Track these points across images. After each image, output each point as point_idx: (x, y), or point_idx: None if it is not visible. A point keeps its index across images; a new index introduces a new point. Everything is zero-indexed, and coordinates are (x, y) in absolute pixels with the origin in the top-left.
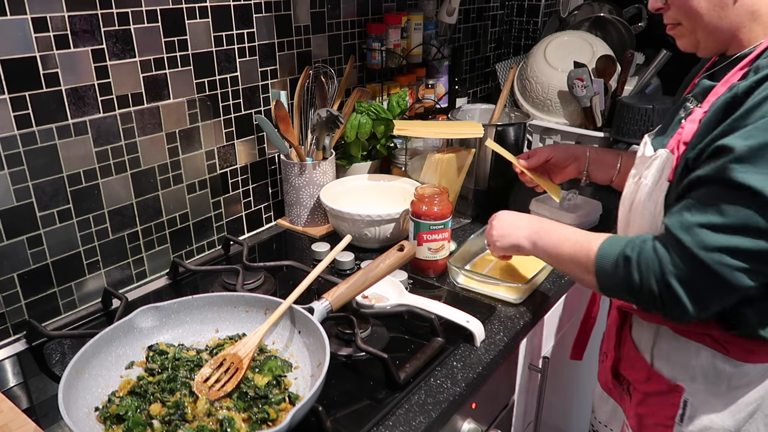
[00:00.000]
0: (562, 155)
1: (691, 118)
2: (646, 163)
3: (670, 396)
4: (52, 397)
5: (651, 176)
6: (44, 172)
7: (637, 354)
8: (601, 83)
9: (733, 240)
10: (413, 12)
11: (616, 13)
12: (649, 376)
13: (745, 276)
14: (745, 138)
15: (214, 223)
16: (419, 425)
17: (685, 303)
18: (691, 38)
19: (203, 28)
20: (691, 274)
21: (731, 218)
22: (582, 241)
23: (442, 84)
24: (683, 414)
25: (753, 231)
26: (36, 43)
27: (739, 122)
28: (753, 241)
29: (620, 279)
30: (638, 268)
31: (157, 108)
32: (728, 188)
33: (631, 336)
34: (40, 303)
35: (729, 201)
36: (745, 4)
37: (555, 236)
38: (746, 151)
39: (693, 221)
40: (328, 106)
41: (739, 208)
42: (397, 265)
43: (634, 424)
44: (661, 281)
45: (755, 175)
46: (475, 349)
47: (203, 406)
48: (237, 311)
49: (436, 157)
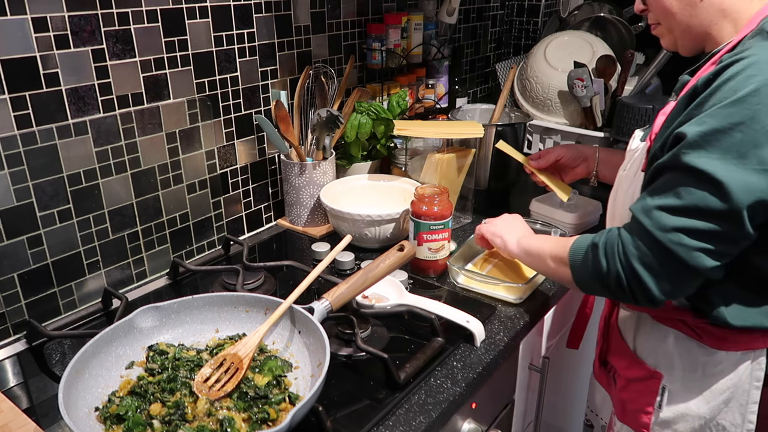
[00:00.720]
0: (572, 155)
1: (663, 111)
2: (631, 156)
3: (649, 382)
4: (52, 397)
5: (630, 168)
6: (44, 172)
7: (622, 341)
8: (601, 83)
9: (688, 222)
10: (413, 12)
11: (616, 13)
12: (632, 363)
13: (704, 255)
14: (698, 125)
15: (214, 223)
16: (419, 425)
17: (650, 285)
18: (670, 37)
19: (203, 28)
20: (651, 256)
21: (686, 200)
22: (562, 240)
23: (442, 84)
24: (661, 400)
25: (707, 212)
26: (36, 43)
27: (695, 111)
28: (707, 222)
29: (590, 267)
30: (604, 254)
31: (157, 108)
32: (683, 172)
33: (617, 324)
34: (40, 303)
35: (684, 184)
36: (714, 2)
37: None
38: (698, 137)
39: (652, 204)
40: (328, 106)
41: (693, 191)
42: (397, 265)
43: (618, 411)
44: (625, 264)
45: (706, 160)
46: (475, 349)
47: (203, 406)
48: (237, 311)
49: (436, 157)
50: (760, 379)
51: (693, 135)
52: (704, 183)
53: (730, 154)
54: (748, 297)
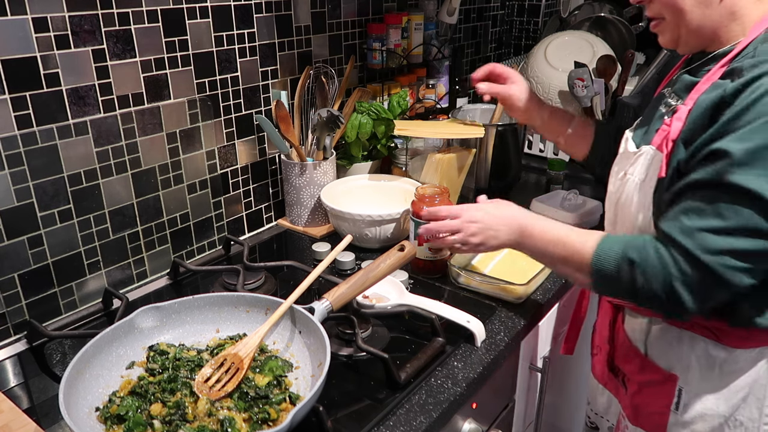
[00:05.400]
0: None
1: (677, 115)
2: (631, 160)
3: (665, 385)
4: (52, 397)
5: (638, 173)
6: (45, 172)
7: (631, 346)
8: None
9: (734, 242)
10: (414, 12)
11: (616, 13)
12: (644, 367)
13: (746, 276)
14: (741, 141)
15: (214, 223)
16: (420, 425)
17: (688, 304)
18: (673, 34)
19: (204, 28)
20: (695, 278)
21: (731, 221)
22: (572, 240)
23: (443, 84)
24: (678, 402)
25: (753, 232)
26: (36, 43)
27: (731, 125)
28: (754, 242)
29: (622, 282)
30: (643, 273)
31: (158, 108)
32: (726, 191)
33: (624, 329)
34: (40, 303)
35: (728, 203)
36: (726, 3)
37: (540, 236)
38: (743, 154)
39: (694, 226)
40: (328, 106)
41: (738, 210)
42: (397, 265)
43: (630, 414)
44: (667, 285)
45: (753, 178)
46: (475, 349)
47: (204, 406)
48: (238, 311)
49: (437, 157)
50: None
51: (738, 152)
52: (750, 202)
53: None
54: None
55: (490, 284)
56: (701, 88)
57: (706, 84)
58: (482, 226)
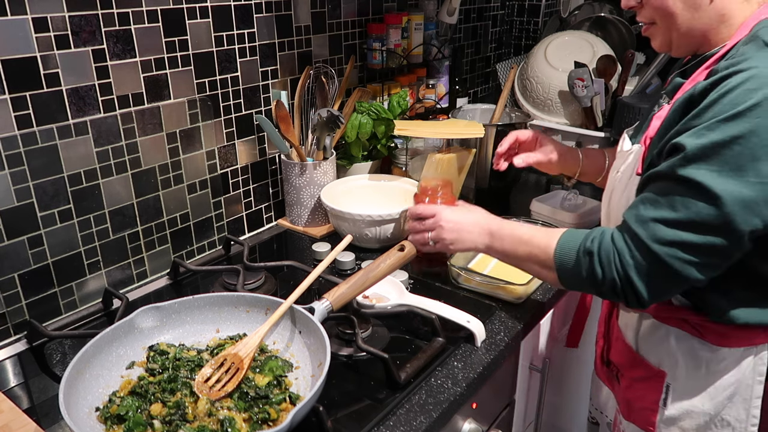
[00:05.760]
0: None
1: (658, 114)
2: (623, 158)
3: (653, 381)
4: (52, 397)
5: (624, 170)
6: (45, 172)
7: (623, 341)
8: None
9: (684, 235)
10: (414, 12)
11: (616, 13)
12: (635, 362)
13: (695, 269)
14: (697, 137)
15: (214, 223)
16: (420, 425)
17: (641, 293)
18: (665, 38)
19: (204, 28)
20: (646, 266)
21: (682, 213)
22: (537, 238)
23: (443, 84)
24: (666, 398)
25: (702, 226)
26: (36, 43)
27: (693, 121)
28: (702, 237)
29: (583, 273)
30: (599, 261)
31: (158, 108)
32: (680, 184)
33: (618, 324)
34: (40, 303)
35: (681, 196)
36: (716, 6)
37: (509, 237)
38: (697, 149)
39: (648, 215)
40: (328, 106)
41: (689, 203)
42: (397, 265)
43: (623, 409)
44: (622, 273)
45: (704, 172)
46: (475, 349)
47: (204, 406)
48: (238, 311)
49: (437, 157)
50: (763, 373)
51: (692, 147)
52: (700, 196)
53: (727, 167)
54: (751, 297)
55: (490, 284)
56: (685, 88)
57: (690, 84)
58: (454, 226)
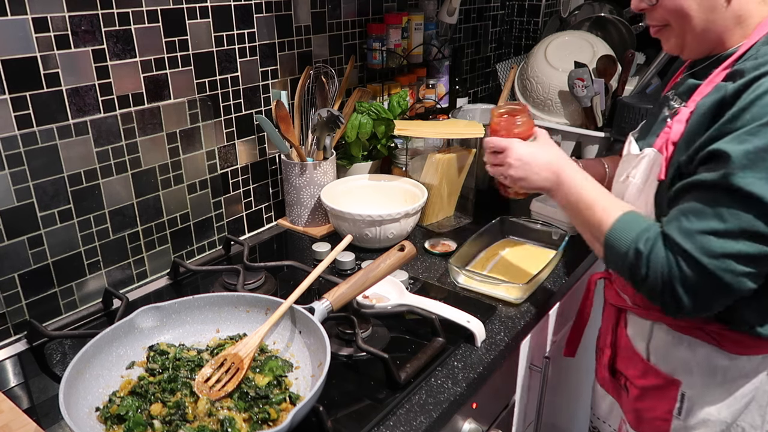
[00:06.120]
0: None
1: (678, 118)
2: (633, 162)
3: (667, 390)
4: (52, 397)
5: (639, 175)
6: (45, 172)
7: (633, 350)
8: (601, 83)
9: (736, 246)
10: (414, 12)
11: (616, 13)
12: (646, 372)
13: (748, 280)
14: (740, 142)
15: (214, 223)
16: (420, 425)
17: (686, 304)
18: (678, 40)
19: (204, 28)
20: (697, 281)
21: (732, 224)
22: (599, 208)
23: (443, 84)
24: (681, 407)
25: (754, 235)
26: (37, 43)
27: (730, 126)
28: (755, 246)
29: (627, 266)
30: (647, 264)
31: (158, 108)
32: (727, 193)
33: (626, 332)
34: (40, 303)
35: (729, 206)
36: (733, 7)
37: (575, 193)
38: (742, 156)
39: (694, 228)
40: (328, 106)
41: (739, 213)
42: (397, 265)
43: (631, 419)
44: (667, 282)
45: (754, 180)
46: (475, 349)
47: (204, 406)
48: (238, 311)
49: (437, 157)
50: None
51: (736, 154)
52: (750, 205)
53: None
54: None
55: (490, 284)
56: (703, 90)
57: (708, 86)
58: (523, 165)
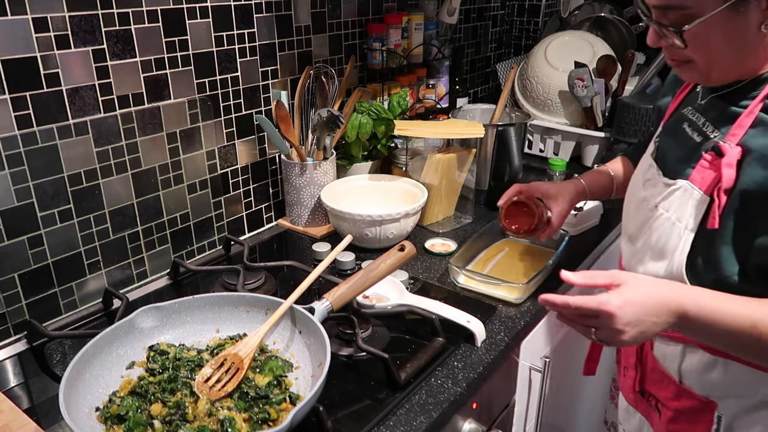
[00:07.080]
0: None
1: (727, 161)
2: (660, 190)
3: (702, 413)
4: (52, 397)
5: (676, 212)
6: (45, 172)
7: (663, 372)
8: (601, 83)
9: None
10: (414, 12)
11: (616, 13)
12: (679, 394)
13: None
14: None
15: (214, 223)
16: (420, 425)
17: None
18: (702, 74)
19: (204, 28)
20: None
21: None
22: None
23: (443, 84)
24: (718, 429)
25: None
26: (37, 43)
27: None
28: None
29: None
30: None
31: (158, 108)
32: None
33: (653, 354)
34: (40, 303)
35: None
36: (766, 45)
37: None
38: None
39: None
40: (328, 106)
41: None
42: (397, 265)
43: None
44: None
45: None
46: (475, 349)
47: (204, 406)
48: (238, 311)
49: (437, 157)
50: None
51: None
52: None
53: None
54: None
55: (490, 284)
56: (744, 123)
57: (750, 117)
58: (634, 327)
